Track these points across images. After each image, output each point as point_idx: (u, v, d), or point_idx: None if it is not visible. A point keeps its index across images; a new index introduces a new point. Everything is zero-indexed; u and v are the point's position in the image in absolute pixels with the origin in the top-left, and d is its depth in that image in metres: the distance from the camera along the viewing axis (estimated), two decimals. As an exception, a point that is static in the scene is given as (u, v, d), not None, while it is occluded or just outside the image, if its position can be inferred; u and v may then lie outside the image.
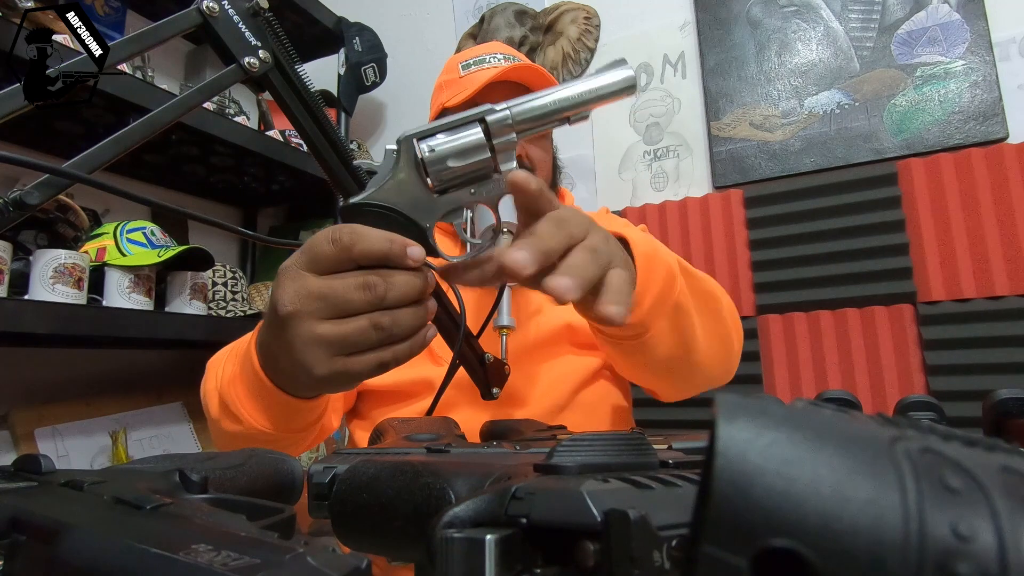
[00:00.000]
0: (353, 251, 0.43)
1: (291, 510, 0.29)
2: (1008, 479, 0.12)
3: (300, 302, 0.43)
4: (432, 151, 0.45)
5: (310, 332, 0.44)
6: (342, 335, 0.44)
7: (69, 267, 1.04)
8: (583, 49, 1.59)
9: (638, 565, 0.15)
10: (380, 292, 0.43)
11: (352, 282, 0.43)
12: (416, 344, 0.47)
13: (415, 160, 0.46)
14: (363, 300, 0.43)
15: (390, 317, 0.44)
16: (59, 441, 1.20)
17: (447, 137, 0.45)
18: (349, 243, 0.43)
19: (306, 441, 0.66)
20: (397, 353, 0.46)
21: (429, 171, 0.45)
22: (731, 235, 1.35)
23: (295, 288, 0.44)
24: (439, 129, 0.46)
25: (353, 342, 0.44)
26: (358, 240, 0.43)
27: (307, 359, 0.44)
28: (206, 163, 1.47)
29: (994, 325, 1.12)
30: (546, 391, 0.80)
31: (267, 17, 0.50)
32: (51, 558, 0.19)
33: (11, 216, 0.41)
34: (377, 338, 0.44)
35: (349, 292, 0.43)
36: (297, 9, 1.56)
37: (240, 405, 0.57)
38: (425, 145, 0.45)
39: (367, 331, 0.44)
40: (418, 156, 0.45)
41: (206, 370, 0.70)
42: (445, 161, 0.45)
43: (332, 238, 0.43)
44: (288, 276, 0.45)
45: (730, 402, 0.13)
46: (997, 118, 1.18)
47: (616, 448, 0.23)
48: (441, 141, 0.45)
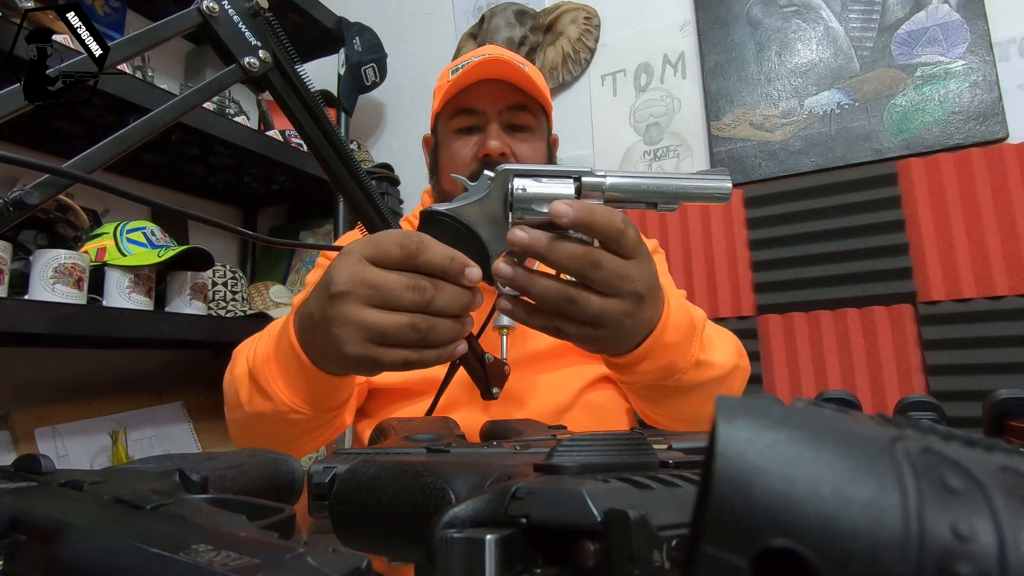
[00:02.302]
0: (418, 258, 0.47)
1: (291, 510, 0.30)
2: (1008, 479, 0.12)
3: (354, 284, 0.47)
4: (523, 190, 0.48)
5: (354, 314, 0.47)
6: (381, 325, 0.47)
7: (69, 267, 1.04)
8: (583, 49, 1.59)
9: (638, 565, 0.15)
10: (428, 297, 0.47)
11: (406, 281, 0.47)
12: (445, 354, 0.50)
13: (506, 193, 0.49)
14: (411, 300, 0.47)
15: (429, 323, 0.47)
16: (59, 441, 1.20)
17: (541, 182, 0.48)
18: (416, 250, 0.47)
19: (328, 428, 0.67)
20: (424, 357, 0.49)
21: (514, 206, 0.48)
22: (731, 235, 1.35)
23: (353, 271, 0.47)
24: (538, 173, 0.49)
25: (389, 335, 0.47)
26: (424, 249, 0.47)
27: (343, 336, 0.47)
28: (206, 163, 1.47)
29: (994, 325, 1.12)
30: (550, 394, 0.80)
31: (267, 17, 0.50)
32: (51, 558, 0.20)
33: (11, 216, 0.41)
34: (412, 338, 0.47)
35: (401, 289, 0.46)
36: (297, 9, 1.56)
37: (272, 381, 0.58)
38: (519, 183, 0.48)
39: (405, 328, 0.47)
40: (510, 190, 0.48)
41: (232, 358, 0.70)
42: (531, 203, 0.48)
43: (401, 242, 0.47)
44: (349, 259, 0.48)
45: (730, 402, 0.13)
46: (997, 118, 1.18)
47: (616, 448, 0.23)
48: (534, 184, 0.48)
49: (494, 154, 0.82)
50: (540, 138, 0.88)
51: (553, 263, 0.47)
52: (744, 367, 0.73)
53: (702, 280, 1.37)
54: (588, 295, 0.48)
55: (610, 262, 0.47)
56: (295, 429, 0.62)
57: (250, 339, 0.71)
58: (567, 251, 0.47)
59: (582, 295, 0.48)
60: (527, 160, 0.85)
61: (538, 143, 0.88)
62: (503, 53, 0.85)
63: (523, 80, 0.83)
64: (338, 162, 0.54)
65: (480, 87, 0.83)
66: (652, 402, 0.68)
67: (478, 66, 0.81)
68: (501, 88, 0.83)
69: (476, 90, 0.83)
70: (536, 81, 0.84)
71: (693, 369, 0.60)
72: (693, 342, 0.60)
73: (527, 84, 0.83)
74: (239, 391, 0.64)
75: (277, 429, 0.62)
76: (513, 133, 0.85)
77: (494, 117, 0.84)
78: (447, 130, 0.87)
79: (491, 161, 0.82)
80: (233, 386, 0.66)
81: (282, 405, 0.58)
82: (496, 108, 0.83)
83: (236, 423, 0.67)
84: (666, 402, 0.67)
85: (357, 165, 0.55)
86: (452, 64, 0.88)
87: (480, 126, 0.85)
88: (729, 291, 1.34)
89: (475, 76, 0.82)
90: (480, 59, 0.81)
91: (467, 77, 0.82)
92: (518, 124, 0.85)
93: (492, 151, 0.82)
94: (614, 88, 1.57)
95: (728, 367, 0.66)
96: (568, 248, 0.47)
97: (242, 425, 0.66)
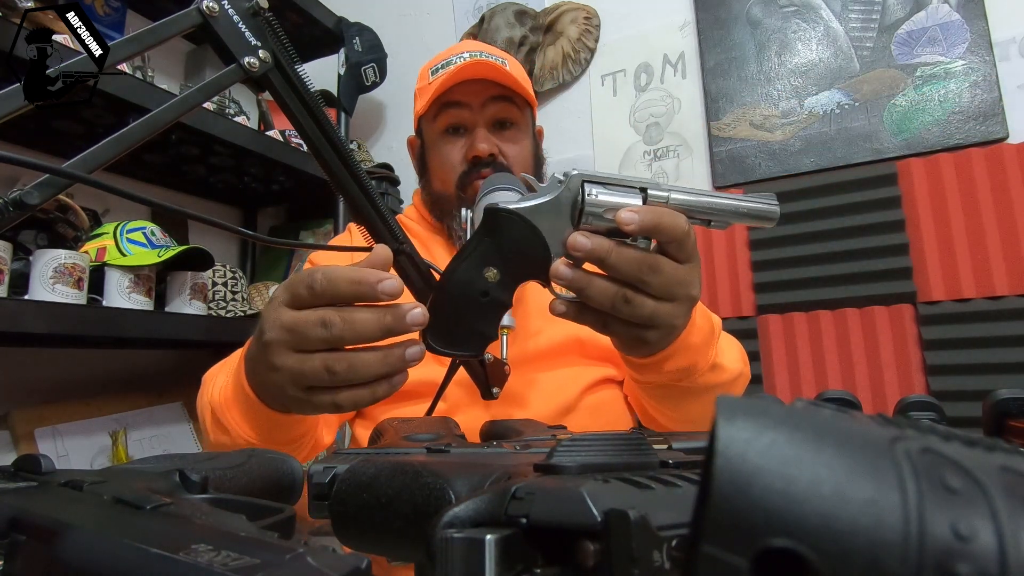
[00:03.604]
0: (326, 292, 0.44)
1: (291, 510, 0.30)
2: (1008, 479, 0.12)
3: (276, 330, 0.45)
4: (595, 196, 0.48)
5: (280, 360, 0.45)
6: (299, 371, 0.45)
7: (69, 267, 1.04)
8: (583, 49, 1.59)
9: (638, 565, 0.15)
10: (336, 332, 0.43)
11: (313, 317, 0.44)
12: (380, 391, 0.46)
13: (575, 197, 0.49)
14: (319, 337, 0.44)
15: (346, 361, 0.44)
16: (59, 441, 1.20)
17: (610, 191, 0.49)
18: (321, 283, 0.44)
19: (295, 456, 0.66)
20: (356, 397, 0.46)
21: (585, 211, 0.48)
22: (731, 235, 1.35)
23: (274, 317, 0.46)
24: (608, 181, 0.49)
25: (308, 378, 0.45)
26: (329, 280, 0.44)
27: (278, 381, 0.46)
28: (206, 163, 1.47)
29: (994, 325, 1.12)
30: (551, 394, 0.80)
31: (267, 17, 0.50)
32: (51, 558, 0.20)
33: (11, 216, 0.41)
34: (330, 380, 0.45)
35: (308, 328, 0.44)
36: (297, 9, 1.56)
37: (229, 415, 0.58)
38: (592, 189, 0.49)
39: (319, 371, 0.44)
40: (580, 195, 0.48)
41: (202, 384, 0.71)
42: (601, 210, 0.48)
43: (307, 281, 0.44)
44: (272, 305, 0.47)
45: (730, 402, 0.13)
46: (997, 118, 1.18)
47: (616, 448, 0.23)
48: (605, 192, 0.49)
49: (483, 155, 0.82)
50: (526, 134, 0.89)
51: (614, 268, 0.48)
52: (747, 374, 0.75)
53: (702, 280, 1.37)
54: (643, 297, 0.48)
55: (668, 267, 0.48)
56: None
57: (217, 365, 0.72)
58: (628, 256, 0.47)
59: (637, 297, 0.48)
60: (515, 158, 0.86)
61: (525, 140, 0.88)
62: (483, 49, 0.86)
63: (505, 78, 0.83)
64: (338, 162, 0.54)
65: (463, 83, 0.83)
66: (663, 402, 0.69)
67: (461, 70, 0.81)
68: (484, 83, 0.83)
69: (459, 86, 0.83)
70: (517, 77, 0.84)
71: (709, 371, 0.62)
72: (712, 344, 0.62)
73: (510, 81, 0.83)
74: (205, 419, 0.65)
75: None
76: (500, 131, 0.86)
77: (479, 112, 0.84)
78: (433, 131, 0.87)
79: (481, 162, 0.83)
80: (201, 413, 0.67)
81: (238, 438, 0.58)
82: (480, 100, 0.84)
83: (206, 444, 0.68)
84: (677, 403, 0.68)
85: (357, 165, 0.55)
86: (431, 63, 0.88)
87: (466, 124, 0.85)
88: (729, 291, 1.34)
89: (459, 78, 0.82)
90: (461, 64, 0.82)
91: (450, 80, 0.82)
92: (504, 118, 0.86)
93: (481, 153, 0.82)
94: (614, 88, 1.57)
95: (736, 372, 0.68)
96: (629, 253, 0.47)
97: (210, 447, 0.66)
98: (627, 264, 0.47)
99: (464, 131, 0.85)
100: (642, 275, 0.48)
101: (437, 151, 0.87)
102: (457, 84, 0.83)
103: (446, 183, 0.87)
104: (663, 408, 0.72)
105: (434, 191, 0.90)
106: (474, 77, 0.83)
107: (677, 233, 0.47)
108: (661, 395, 0.67)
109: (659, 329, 0.51)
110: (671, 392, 0.64)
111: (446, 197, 0.87)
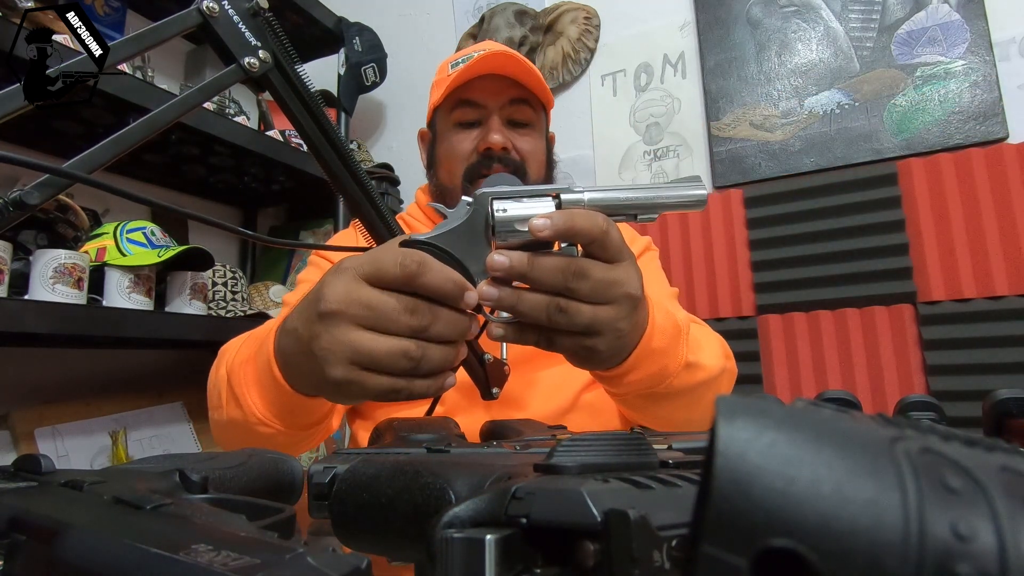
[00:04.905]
0: (417, 280, 0.44)
1: (291, 510, 0.30)
2: (1008, 479, 0.12)
3: (347, 304, 0.44)
4: (504, 212, 0.47)
5: (343, 335, 0.44)
6: (371, 349, 0.44)
7: (69, 267, 1.04)
8: (583, 49, 1.59)
9: (638, 565, 0.15)
10: (425, 322, 0.44)
11: (405, 304, 0.44)
12: (435, 386, 0.47)
13: (486, 217, 0.48)
14: (407, 324, 0.44)
15: (423, 350, 0.45)
16: (59, 441, 1.20)
17: (520, 204, 0.48)
18: (416, 271, 0.44)
19: (305, 444, 0.65)
20: (414, 387, 0.46)
21: (496, 229, 0.47)
22: (731, 235, 1.35)
23: (347, 290, 0.44)
24: (517, 194, 0.48)
25: (379, 360, 0.44)
26: (425, 271, 0.44)
27: (327, 357, 0.45)
28: (206, 163, 1.47)
29: (994, 325, 1.12)
30: (550, 394, 0.80)
31: (267, 17, 0.50)
32: (51, 558, 0.20)
33: (11, 216, 0.41)
34: (402, 366, 0.45)
35: (398, 312, 0.44)
36: (297, 9, 1.56)
37: (246, 389, 0.57)
38: (500, 205, 0.48)
39: (396, 355, 0.44)
40: (490, 214, 0.47)
41: (219, 356, 0.68)
42: (513, 224, 0.47)
43: (401, 262, 0.44)
44: (343, 276, 0.45)
45: (730, 402, 0.13)
46: (997, 118, 1.18)
47: (616, 448, 0.23)
48: (515, 205, 0.48)
49: (496, 148, 0.82)
50: (540, 134, 0.88)
51: (538, 280, 0.46)
52: (731, 369, 0.72)
53: (702, 280, 1.37)
54: (577, 304, 0.47)
55: (596, 269, 0.46)
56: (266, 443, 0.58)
57: (238, 338, 0.70)
58: (549, 266, 0.46)
59: (571, 305, 0.46)
60: (529, 154, 0.85)
61: (538, 139, 0.88)
62: (505, 48, 0.86)
63: (526, 74, 0.83)
64: (338, 162, 0.54)
65: (482, 81, 0.83)
66: (643, 411, 0.67)
67: (482, 60, 0.81)
68: (503, 83, 0.83)
69: (478, 84, 0.83)
70: (539, 76, 0.84)
71: (684, 372, 0.60)
72: (680, 344, 0.59)
73: (530, 78, 0.83)
74: (220, 392, 0.62)
75: (248, 439, 0.59)
76: (513, 128, 0.85)
77: (495, 112, 0.84)
78: (447, 123, 0.87)
79: (493, 155, 0.82)
80: (216, 387, 0.64)
81: (252, 416, 0.56)
82: (498, 102, 0.84)
83: (216, 424, 0.65)
84: (656, 409, 0.65)
85: (357, 165, 0.55)
86: (451, 58, 0.88)
87: (480, 120, 0.85)
88: (729, 291, 1.34)
89: (479, 70, 0.82)
90: (483, 53, 0.81)
91: (471, 71, 0.81)
92: (518, 119, 0.85)
93: (494, 144, 0.82)
94: (614, 88, 1.57)
95: (717, 369, 0.65)
96: (550, 263, 0.46)
97: (220, 427, 0.64)
98: (550, 273, 0.46)
99: (478, 125, 0.85)
100: (568, 282, 0.46)
101: (448, 141, 0.86)
102: (476, 79, 0.82)
103: (453, 174, 0.86)
104: (644, 415, 0.69)
105: (440, 182, 0.89)
106: (494, 70, 0.82)
107: (595, 232, 0.45)
108: (640, 405, 0.64)
109: (604, 335, 0.48)
110: (648, 400, 0.62)
111: (451, 189, 0.86)
